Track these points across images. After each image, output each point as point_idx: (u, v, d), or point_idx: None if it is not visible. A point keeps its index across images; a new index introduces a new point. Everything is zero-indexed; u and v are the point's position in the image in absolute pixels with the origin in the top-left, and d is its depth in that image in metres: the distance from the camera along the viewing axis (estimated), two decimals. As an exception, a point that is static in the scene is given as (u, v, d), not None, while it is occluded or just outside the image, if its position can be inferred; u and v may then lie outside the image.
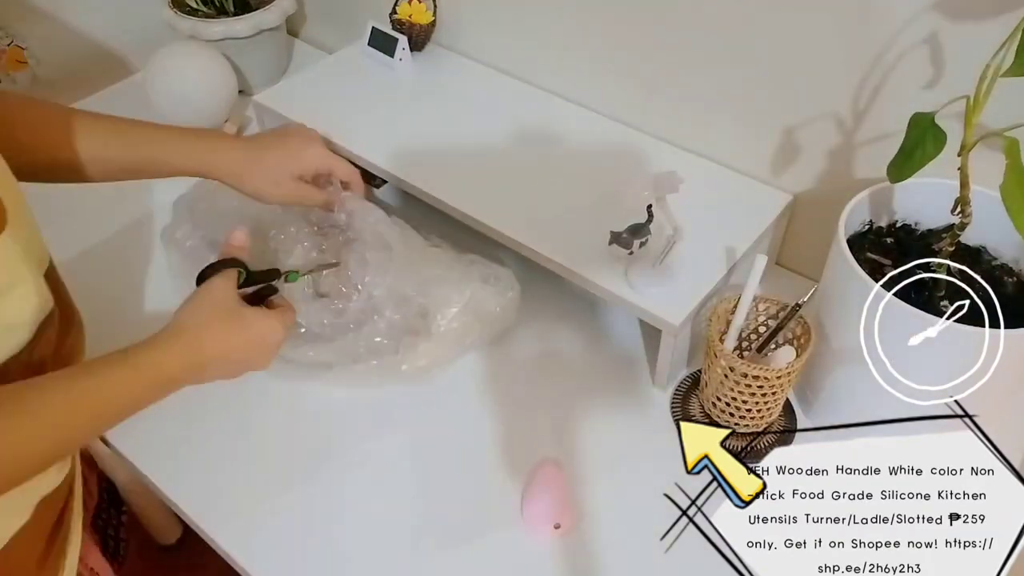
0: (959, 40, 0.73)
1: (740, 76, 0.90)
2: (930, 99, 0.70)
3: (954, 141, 0.65)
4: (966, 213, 0.68)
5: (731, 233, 0.88)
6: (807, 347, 0.75)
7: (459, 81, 1.11)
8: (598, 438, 0.82)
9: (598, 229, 0.85)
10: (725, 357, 0.75)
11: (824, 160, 0.89)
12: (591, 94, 1.05)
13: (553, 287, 0.95)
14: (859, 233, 0.79)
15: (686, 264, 0.84)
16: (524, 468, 0.79)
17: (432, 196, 0.94)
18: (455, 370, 0.89)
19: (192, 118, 1.14)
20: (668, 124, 1.00)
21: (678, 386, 0.87)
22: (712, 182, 0.95)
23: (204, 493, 0.79)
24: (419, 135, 1.02)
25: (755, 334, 0.82)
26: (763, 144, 0.92)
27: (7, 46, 1.20)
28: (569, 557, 0.73)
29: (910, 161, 0.67)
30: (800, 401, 0.84)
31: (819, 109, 0.86)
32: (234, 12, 1.21)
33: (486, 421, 0.84)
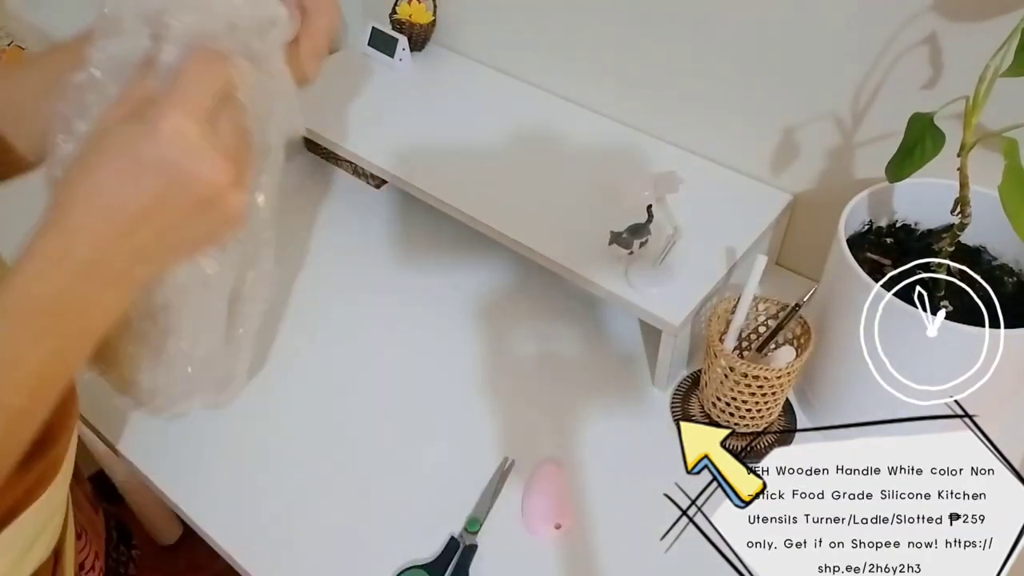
0: (958, 40, 0.73)
1: (740, 76, 0.90)
2: (929, 99, 0.70)
3: (953, 141, 0.65)
4: (966, 213, 0.68)
5: (731, 233, 0.88)
6: (807, 347, 0.75)
7: (459, 81, 1.11)
8: (598, 438, 0.82)
9: (598, 229, 0.85)
10: (725, 357, 0.75)
11: (824, 160, 0.89)
12: (591, 94, 1.05)
13: (553, 287, 0.95)
14: (859, 233, 0.79)
15: (686, 264, 0.84)
16: (524, 468, 0.79)
17: (432, 196, 0.94)
18: (454, 370, 0.89)
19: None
20: (668, 124, 1.00)
21: (678, 386, 0.87)
22: (712, 182, 0.95)
23: (204, 493, 0.79)
24: (419, 135, 1.02)
25: (755, 334, 0.82)
26: (763, 144, 0.93)
27: (7, 46, 1.20)
28: (569, 557, 0.73)
29: (909, 161, 0.67)
30: (800, 401, 0.84)
31: (819, 109, 0.86)
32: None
33: (486, 421, 0.84)
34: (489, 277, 1.00)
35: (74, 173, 0.41)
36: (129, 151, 0.40)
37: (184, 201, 0.41)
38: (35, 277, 0.41)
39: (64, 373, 0.45)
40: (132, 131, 0.40)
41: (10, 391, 0.42)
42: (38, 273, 0.41)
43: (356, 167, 1.14)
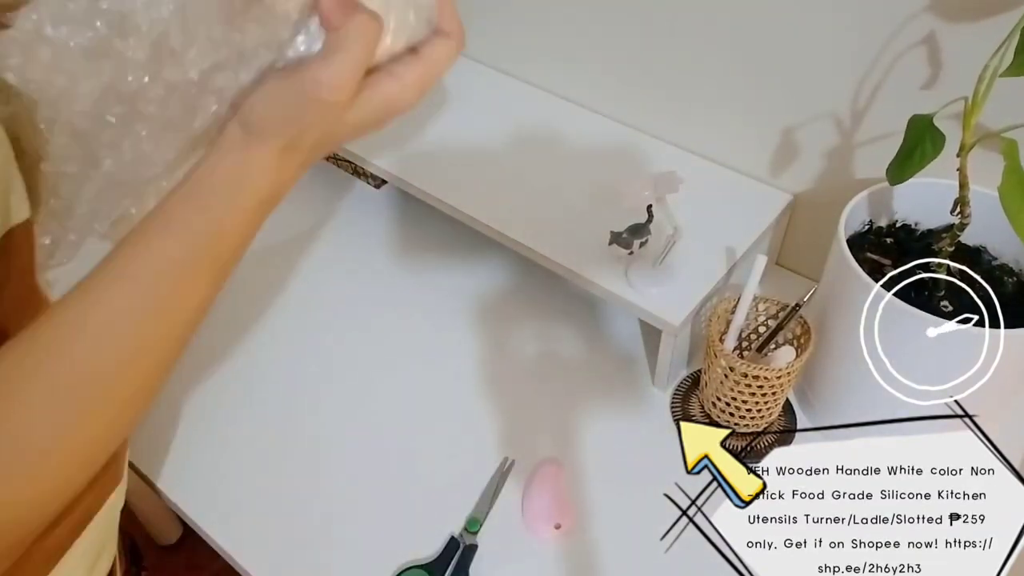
0: (957, 40, 0.73)
1: (740, 76, 0.90)
2: (929, 99, 0.70)
3: (953, 141, 0.65)
4: (965, 213, 0.68)
5: (731, 233, 0.88)
6: (807, 347, 0.75)
7: (459, 81, 1.11)
8: (598, 438, 0.82)
9: (598, 229, 0.85)
10: (725, 357, 0.75)
11: (824, 160, 0.89)
12: (591, 94, 1.05)
13: (553, 287, 0.95)
14: (859, 233, 0.79)
15: (686, 264, 0.84)
16: (524, 468, 0.79)
17: (432, 196, 0.94)
18: (454, 370, 0.89)
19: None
20: (668, 124, 1.00)
21: (678, 386, 0.87)
22: (712, 182, 0.95)
23: (204, 493, 0.79)
24: (419, 135, 1.02)
25: (755, 334, 0.82)
26: (763, 144, 0.93)
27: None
28: (569, 557, 0.73)
29: (909, 163, 0.67)
30: (800, 401, 0.84)
31: (819, 109, 0.86)
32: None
33: (486, 421, 0.84)
34: (489, 277, 1.00)
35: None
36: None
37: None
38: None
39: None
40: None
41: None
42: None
43: (356, 167, 1.14)
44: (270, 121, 0.41)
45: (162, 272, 0.41)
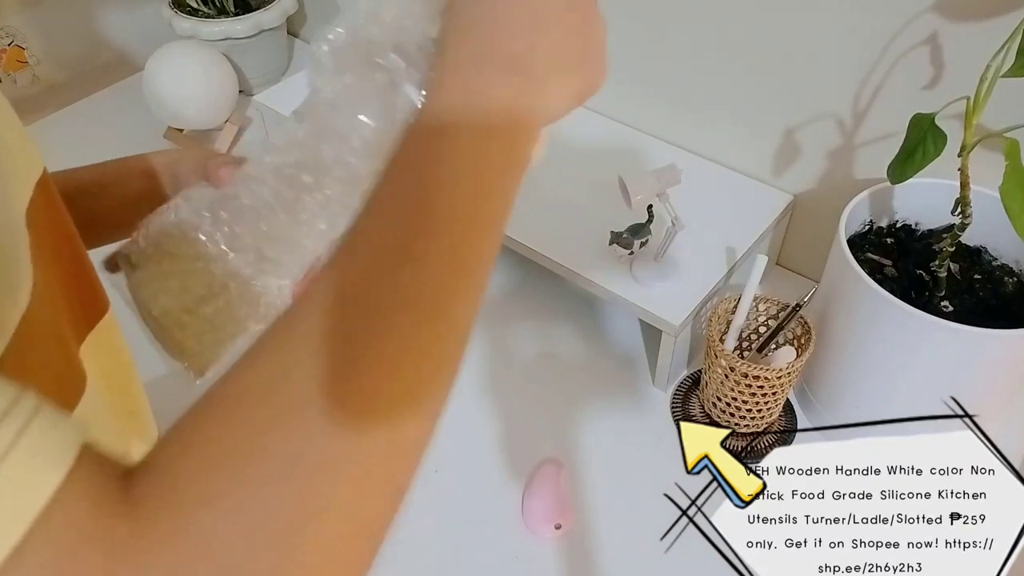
0: (959, 41, 0.73)
1: (741, 76, 0.90)
2: (930, 100, 0.70)
3: (954, 142, 0.65)
4: (966, 214, 0.68)
5: (731, 233, 0.88)
6: (807, 347, 0.75)
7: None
8: (598, 438, 0.82)
9: (598, 229, 0.85)
10: (725, 357, 0.75)
11: (824, 160, 0.89)
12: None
13: (553, 287, 0.95)
14: (859, 233, 0.79)
15: (687, 264, 0.84)
16: (524, 468, 0.79)
17: (432, 196, 0.94)
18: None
19: (192, 118, 1.14)
20: (669, 124, 1.00)
21: (678, 386, 0.87)
22: (712, 182, 0.95)
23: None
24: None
25: (755, 334, 0.82)
26: (764, 144, 0.92)
27: (7, 46, 1.21)
28: (569, 557, 0.73)
29: (911, 163, 0.67)
30: (800, 401, 0.84)
31: (819, 110, 0.86)
32: (234, 12, 1.21)
33: (486, 421, 0.84)
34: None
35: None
36: None
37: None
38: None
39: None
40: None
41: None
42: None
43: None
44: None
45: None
